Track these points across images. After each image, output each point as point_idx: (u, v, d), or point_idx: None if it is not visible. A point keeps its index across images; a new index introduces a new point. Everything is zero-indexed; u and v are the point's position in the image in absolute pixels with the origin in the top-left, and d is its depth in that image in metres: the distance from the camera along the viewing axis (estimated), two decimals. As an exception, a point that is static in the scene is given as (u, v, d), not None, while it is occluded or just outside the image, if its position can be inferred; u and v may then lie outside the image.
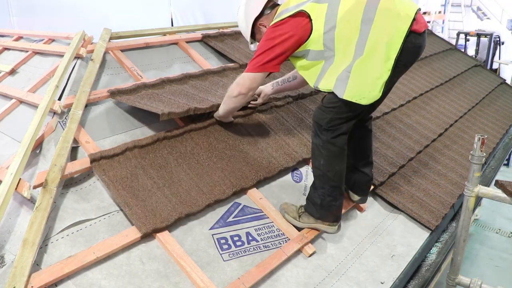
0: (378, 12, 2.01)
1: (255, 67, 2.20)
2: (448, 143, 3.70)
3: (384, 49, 1.99)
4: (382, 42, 1.99)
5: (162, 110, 2.30)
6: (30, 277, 1.57)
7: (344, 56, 2.06)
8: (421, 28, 2.06)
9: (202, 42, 3.52)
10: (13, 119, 2.57)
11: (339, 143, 2.15)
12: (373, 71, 2.02)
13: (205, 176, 2.26)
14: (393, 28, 1.99)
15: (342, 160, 2.20)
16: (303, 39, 2.12)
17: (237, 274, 1.92)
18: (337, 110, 2.12)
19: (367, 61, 2.01)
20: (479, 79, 5.63)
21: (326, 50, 2.11)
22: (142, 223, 1.89)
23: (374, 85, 2.03)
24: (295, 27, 2.11)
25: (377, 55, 2.00)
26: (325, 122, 2.14)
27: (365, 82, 2.03)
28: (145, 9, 6.00)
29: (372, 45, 2.00)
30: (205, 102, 2.60)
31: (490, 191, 2.38)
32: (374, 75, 2.02)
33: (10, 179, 1.87)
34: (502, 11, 13.10)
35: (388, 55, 1.99)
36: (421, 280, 2.36)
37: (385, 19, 2.00)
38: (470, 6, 14.23)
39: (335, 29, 2.06)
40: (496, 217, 6.31)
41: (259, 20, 2.37)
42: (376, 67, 2.01)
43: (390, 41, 1.98)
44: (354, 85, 2.03)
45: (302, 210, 2.26)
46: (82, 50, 2.73)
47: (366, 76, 2.03)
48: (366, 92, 2.03)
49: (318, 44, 2.12)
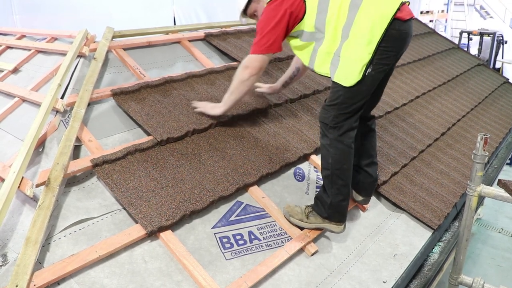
0: None
1: (263, 48, 2.29)
2: (450, 142, 3.69)
3: (367, 33, 2.05)
4: (366, 27, 2.06)
5: (160, 134, 2.34)
6: (33, 276, 1.57)
7: (332, 39, 2.16)
8: (406, 16, 2.10)
9: (205, 41, 3.52)
10: (16, 117, 2.58)
11: (346, 140, 2.18)
12: (355, 53, 2.09)
13: (208, 175, 2.26)
14: (377, 13, 2.06)
15: (350, 159, 2.22)
16: (298, 18, 2.24)
17: (239, 273, 1.92)
18: (339, 106, 2.16)
19: (352, 44, 2.10)
20: (482, 78, 5.62)
21: (317, 32, 2.22)
22: (147, 221, 1.90)
23: (356, 66, 2.08)
24: (290, 4, 2.21)
25: (360, 38, 2.07)
26: (330, 120, 2.18)
27: (349, 63, 2.11)
28: (148, 7, 6.00)
29: (357, 29, 2.08)
30: (204, 120, 2.59)
31: (492, 191, 2.37)
32: (355, 57, 2.09)
33: (13, 178, 1.87)
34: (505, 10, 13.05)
35: (370, 39, 2.05)
36: (423, 279, 2.36)
37: (371, 5, 2.08)
38: (473, 5, 14.17)
39: (327, 13, 2.16)
40: (498, 216, 6.30)
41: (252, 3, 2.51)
42: (358, 50, 2.08)
43: (373, 26, 2.05)
44: (341, 67, 2.13)
45: (309, 210, 2.26)
46: (84, 48, 2.73)
47: (351, 57, 2.10)
48: (349, 73, 2.10)
49: (310, 26, 2.23)
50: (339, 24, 2.14)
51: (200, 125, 2.53)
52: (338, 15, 2.13)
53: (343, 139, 2.18)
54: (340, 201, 2.21)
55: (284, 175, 2.58)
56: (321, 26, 2.20)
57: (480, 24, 13.24)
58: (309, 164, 2.74)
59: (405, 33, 2.13)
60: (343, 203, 2.23)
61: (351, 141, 2.21)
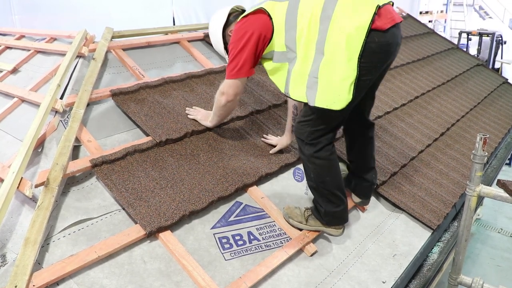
0: (336, 9, 1.88)
1: (233, 73, 2.19)
2: (450, 143, 3.69)
3: (344, 49, 1.85)
4: (341, 41, 1.85)
5: (159, 136, 2.34)
6: (32, 276, 1.57)
7: (305, 57, 1.97)
8: (386, 24, 1.88)
9: (204, 41, 3.52)
10: (15, 118, 2.57)
11: (323, 155, 2.07)
12: (338, 72, 1.88)
13: (207, 175, 2.26)
14: (352, 25, 1.84)
15: (332, 170, 2.13)
16: (267, 37, 2.09)
17: (238, 273, 1.92)
18: (313, 123, 2.03)
19: (331, 63, 1.89)
20: (481, 78, 5.62)
21: (289, 51, 2.05)
22: (147, 222, 1.90)
23: (342, 87, 1.89)
24: (256, 24, 2.08)
25: (338, 55, 1.87)
26: (305, 136, 2.07)
27: (333, 85, 1.91)
28: (147, 8, 5.99)
29: (332, 45, 1.88)
30: None
31: (492, 191, 2.37)
32: (339, 76, 1.88)
33: (12, 178, 1.87)
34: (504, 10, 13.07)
35: (350, 55, 1.85)
36: (423, 279, 2.36)
37: (344, 16, 1.87)
38: (472, 5, 14.19)
39: (296, 28, 1.98)
40: (498, 216, 6.30)
41: (228, 29, 2.38)
42: (340, 68, 1.87)
43: (349, 40, 1.84)
44: (323, 90, 1.93)
45: (308, 213, 2.22)
46: (84, 49, 2.73)
47: (333, 78, 1.90)
48: (336, 96, 1.91)
49: (281, 45, 2.07)
50: (311, 40, 1.93)
51: (199, 126, 2.53)
52: (309, 30, 1.93)
53: (320, 155, 2.07)
54: (334, 209, 2.16)
55: (284, 176, 2.58)
56: (292, 44, 2.01)
57: (479, 25, 13.26)
58: (308, 164, 2.74)
59: (386, 44, 1.92)
60: (338, 209, 2.17)
61: (329, 153, 2.09)
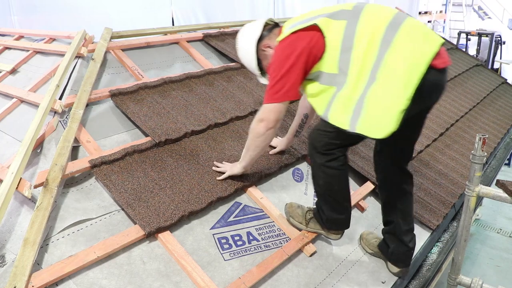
0: (398, 34, 1.77)
1: (277, 96, 1.94)
2: (449, 143, 3.70)
3: (401, 75, 1.72)
4: (399, 68, 1.72)
5: (159, 136, 2.34)
6: (31, 277, 1.57)
7: (356, 82, 1.80)
8: (442, 64, 1.79)
9: (203, 42, 3.52)
10: (14, 118, 2.57)
11: (335, 165, 1.97)
12: (389, 98, 1.74)
13: (206, 176, 2.26)
14: (413, 54, 1.73)
15: (341, 180, 2.04)
16: (317, 57, 1.88)
17: (238, 273, 1.91)
18: (333, 135, 1.92)
19: (382, 88, 1.75)
20: (480, 78, 5.62)
21: (340, 74, 1.85)
22: (146, 222, 1.90)
23: (390, 113, 1.74)
24: (307, 41, 1.87)
25: (393, 81, 1.73)
26: (320, 145, 1.97)
27: (380, 111, 1.76)
28: (146, 8, 5.99)
29: (388, 71, 1.75)
30: (202, 121, 2.60)
31: (491, 191, 2.37)
32: (390, 102, 1.74)
33: (11, 179, 1.87)
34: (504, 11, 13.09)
35: (406, 83, 1.71)
36: (422, 280, 2.35)
37: (405, 44, 1.75)
38: (471, 6, 14.22)
39: (352, 49, 1.81)
40: (497, 217, 6.30)
41: (262, 43, 2.12)
42: (393, 94, 1.73)
43: (409, 68, 1.71)
44: (367, 116, 1.78)
45: (310, 215, 2.19)
46: (83, 49, 2.73)
47: (381, 104, 1.75)
48: (381, 123, 1.76)
49: (332, 66, 1.86)
50: (367, 64, 1.78)
51: (198, 126, 2.53)
52: (366, 53, 1.77)
53: (332, 164, 1.96)
54: (337, 216, 2.12)
55: (283, 176, 2.57)
56: (345, 66, 1.82)
57: (478, 25, 13.30)
58: (307, 164, 2.74)
59: (437, 84, 1.83)
60: (341, 217, 2.12)
61: (342, 164, 1.98)
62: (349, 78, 1.82)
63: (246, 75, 3.25)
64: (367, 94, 1.77)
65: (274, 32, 2.11)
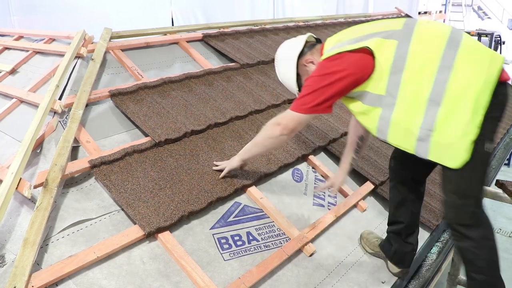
0: (458, 57, 1.68)
1: (305, 107, 1.87)
2: (448, 143, 3.69)
3: (470, 102, 1.64)
4: (468, 93, 1.65)
5: (158, 136, 2.34)
6: (31, 277, 1.57)
7: (412, 106, 1.72)
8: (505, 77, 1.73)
9: (203, 42, 3.53)
10: (13, 118, 2.57)
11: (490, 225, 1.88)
12: (459, 127, 1.66)
13: (206, 175, 2.26)
14: (480, 76, 1.65)
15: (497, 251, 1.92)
16: (363, 78, 1.79)
17: (237, 273, 1.91)
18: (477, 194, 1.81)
19: (451, 116, 1.67)
20: (480, 78, 5.61)
21: (388, 96, 1.76)
22: (146, 222, 1.90)
23: (460, 144, 1.67)
24: (354, 65, 1.78)
25: (461, 108, 1.65)
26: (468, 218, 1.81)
27: (451, 141, 1.69)
28: (146, 8, 5.99)
29: (454, 97, 1.66)
30: (202, 120, 2.60)
31: (490, 191, 2.38)
32: (461, 132, 1.66)
33: (11, 179, 1.87)
34: (503, 11, 13.11)
35: (476, 109, 1.64)
36: (422, 280, 2.35)
37: (467, 64, 1.67)
38: (471, 6, 14.23)
39: (403, 72, 1.73)
40: (496, 217, 6.31)
41: (303, 58, 2.04)
42: (462, 123, 1.66)
43: (477, 92, 1.64)
44: (437, 146, 1.71)
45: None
46: (82, 49, 2.73)
47: (452, 133, 1.68)
48: (452, 154, 1.70)
49: (379, 88, 1.78)
50: (423, 89, 1.69)
51: (198, 126, 2.53)
52: (420, 77, 1.70)
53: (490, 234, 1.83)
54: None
55: (283, 176, 2.57)
56: (394, 89, 1.74)
57: (478, 25, 13.30)
58: (307, 165, 2.74)
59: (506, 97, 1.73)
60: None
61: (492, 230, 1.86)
62: (399, 101, 1.75)
63: (245, 75, 3.25)
64: (437, 122, 1.69)
65: (316, 48, 2.05)
